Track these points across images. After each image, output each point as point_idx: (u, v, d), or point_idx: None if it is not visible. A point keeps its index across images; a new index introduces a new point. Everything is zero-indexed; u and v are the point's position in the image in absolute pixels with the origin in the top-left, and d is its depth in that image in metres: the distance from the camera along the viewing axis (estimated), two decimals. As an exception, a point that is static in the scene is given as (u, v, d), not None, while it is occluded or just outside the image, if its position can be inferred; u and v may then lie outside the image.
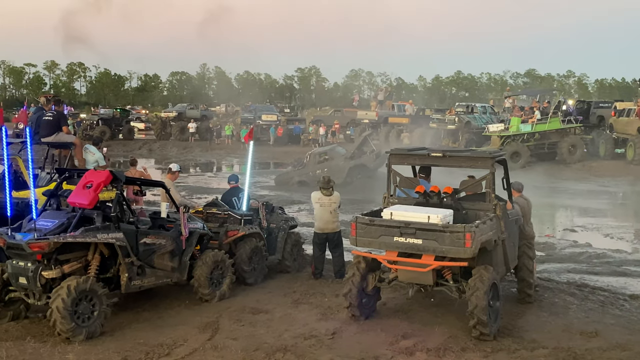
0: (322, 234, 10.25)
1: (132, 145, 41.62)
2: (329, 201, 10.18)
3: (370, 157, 23.82)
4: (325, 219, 10.18)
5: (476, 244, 7.35)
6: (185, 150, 40.26)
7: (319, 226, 10.26)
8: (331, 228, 10.24)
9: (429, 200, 8.29)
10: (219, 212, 9.98)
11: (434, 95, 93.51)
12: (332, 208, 10.19)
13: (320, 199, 10.17)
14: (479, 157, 8.04)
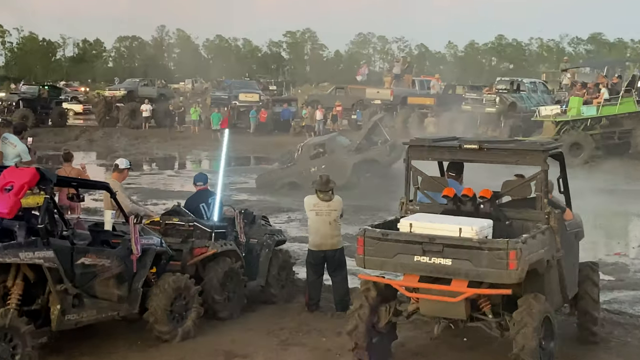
0: (318, 252, 10.27)
1: (66, 134, 41.67)
2: (328, 208, 10.18)
3: (383, 149, 23.89)
4: (323, 232, 10.19)
5: (523, 265, 7.35)
6: (138, 140, 40.31)
7: (314, 242, 10.27)
8: (331, 244, 10.24)
9: (461, 207, 8.29)
10: (181, 224, 9.98)
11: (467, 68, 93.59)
12: (331, 217, 10.19)
13: (317, 206, 10.18)
14: (527, 150, 8.04)
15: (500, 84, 37.57)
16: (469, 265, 7.43)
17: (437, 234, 7.62)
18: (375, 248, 7.78)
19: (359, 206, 20.28)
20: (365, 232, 7.87)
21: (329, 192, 10.19)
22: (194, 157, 36.65)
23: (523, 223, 8.18)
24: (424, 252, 7.58)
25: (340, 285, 10.39)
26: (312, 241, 10.32)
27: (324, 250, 10.22)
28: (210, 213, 10.27)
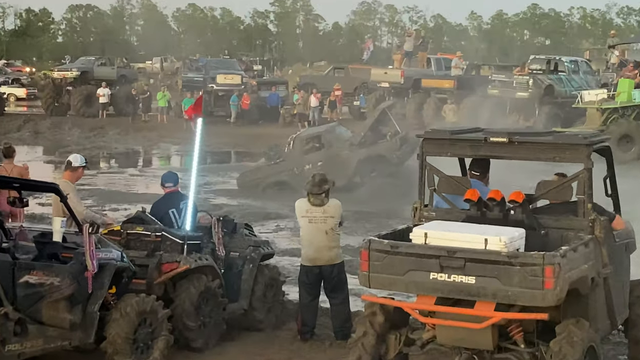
0: (313, 267, 10.26)
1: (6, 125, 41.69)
2: (323, 215, 10.15)
3: (392, 143, 23.93)
4: (318, 243, 10.18)
5: (562, 284, 7.36)
6: (94, 132, 40.32)
7: (308, 255, 10.28)
8: (327, 258, 10.23)
9: (487, 214, 8.30)
10: (147, 233, 9.98)
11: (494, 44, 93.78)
12: (327, 226, 10.16)
13: (309, 212, 10.16)
14: (567, 145, 8.04)
15: (534, 63, 37.62)
16: (497, 284, 7.42)
17: (457, 246, 7.61)
18: (383, 263, 7.77)
19: (363, 212, 20.30)
20: (370, 243, 7.85)
21: (322, 195, 10.12)
22: (161, 153, 36.66)
23: (562, 233, 8.18)
24: (441, 268, 7.57)
25: (340, 309, 10.38)
26: (305, 255, 10.31)
27: (320, 265, 10.20)
28: (182, 221, 10.26)
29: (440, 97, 38.49)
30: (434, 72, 40.71)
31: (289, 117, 42.06)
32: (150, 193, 21.96)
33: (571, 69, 36.42)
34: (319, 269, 10.22)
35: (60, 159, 32.18)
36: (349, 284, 10.65)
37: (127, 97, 44.80)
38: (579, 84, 35.16)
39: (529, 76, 35.23)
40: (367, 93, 42.46)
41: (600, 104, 30.81)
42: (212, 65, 46.96)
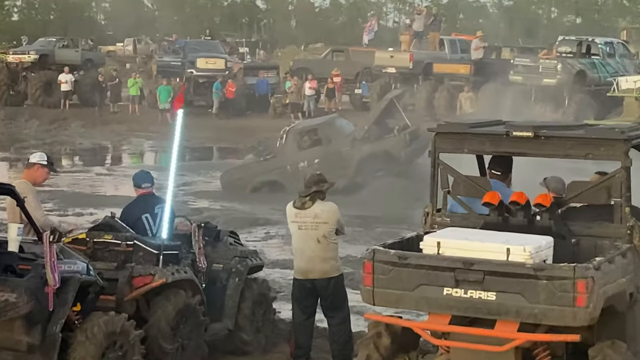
0: (305, 281, 10.23)
1: (-47, 117, 41.66)
2: (314, 220, 10.07)
3: (400, 138, 23.96)
4: (309, 253, 10.13)
5: (597, 300, 7.37)
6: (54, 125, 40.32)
7: (299, 267, 10.26)
8: (321, 270, 10.16)
9: (509, 220, 8.31)
10: (117, 242, 9.97)
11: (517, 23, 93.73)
12: (319, 233, 10.07)
13: (298, 216, 10.12)
14: (601, 140, 8.05)
15: (563, 45, 37.68)
16: (521, 300, 7.43)
17: (475, 257, 7.62)
18: (389, 277, 7.77)
19: (366, 217, 20.33)
20: (374, 254, 7.86)
21: (307, 198, 10.00)
22: (133, 149, 36.66)
23: (596, 241, 8.20)
24: (457, 282, 7.58)
25: (339, 329, 10.37)
26: (296, 266, 10.29)
27: (312, 279, 10.16)
28: (157, 227, 10.26)
29: (454, 84, 38.52)
30: (448, 55, 40.72)
31: (280, 107, 42.07)
32: (120, 195, 21.98)
33: (606, 51, 36.48)
34: (312, 282, 10.18)
35: (16, 156, 32.17)
36: (350, 301, 10.65)
37: (93, 84, 44.76)
38: (614, 69, 35.24)
39: (557, 60, 35.29)
40: (371, 80, 42.47)
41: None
42: (192, 48, 46.86)
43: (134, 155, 35.48)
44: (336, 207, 10.18)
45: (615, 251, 7.86)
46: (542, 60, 35.71)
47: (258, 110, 42.60)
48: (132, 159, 34.60)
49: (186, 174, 26.87)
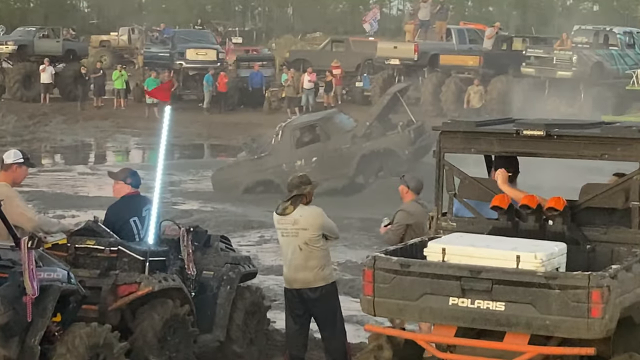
0: (291, 290, 10.28)
1: None
2: (293, 227, 10.03)
3: (404, 135, 23.97)
4: (292, 261, 10.13)
5: (613, 311, 7.38)
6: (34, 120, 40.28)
7: (285, 275, 10.30)
8: (303, 280, 10.13)
9: (519, 224, 8.33)
10: (100, 248, 9.97)
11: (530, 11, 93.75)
12: (300, 240, 10.02)
13: (280, 223, 10.13)
14: (617, 139, 8.07)
15: (578, 35, 37.70)
16: (532, 311, 7.46)
17: (483, 264, 7.64)
18: (391, 286, 7.79)
19: (368, 220, 20.30)
20: (375, 261, 7.88)
21: (289, 202, 9.99)
22: (118, 146, 36.64)
23: (612, 248, 8.21)
24: (463, 291, 7.60)
25: (333, 344, 10.33)
26: (284, 274, 10.35)
27: (297, 288, 10.18)
28: (144, 231, 10.26)
29: (462, 77, 38.49)
30: (455, 46, 40.74)
31: (276, 101, 42.08)
32: (104, 196, 21.94)
33: (625, 42, 36.50)
34: (298, 292, 10.21)
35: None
36: (350, 310, 10.69)
37: (75, 77, 44.73)
38: (634, 61, 35.26)
39: (572, 51, 35.30)
40: (373, 72, 42.47)
41: (661, 86, 30.91)
42: (181, 38, 46.86)
43: (119, 153, 35.47)
44: (319, 211, 10.06)
45: (632, 258, 7.87)
46: (556, 52, 35.72)
47: (252, 105, 42.62)
48: (116, 157, 34.61)
49: (175, 173, 26.87)
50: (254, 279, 11.46)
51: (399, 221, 10.80)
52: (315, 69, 42.30)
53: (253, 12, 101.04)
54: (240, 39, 67.44)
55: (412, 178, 11.08)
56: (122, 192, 10.47)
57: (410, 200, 10.78)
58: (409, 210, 10.77)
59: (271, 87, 43.56)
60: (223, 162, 28.75)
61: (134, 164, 29.47)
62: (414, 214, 10.72)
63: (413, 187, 10.81)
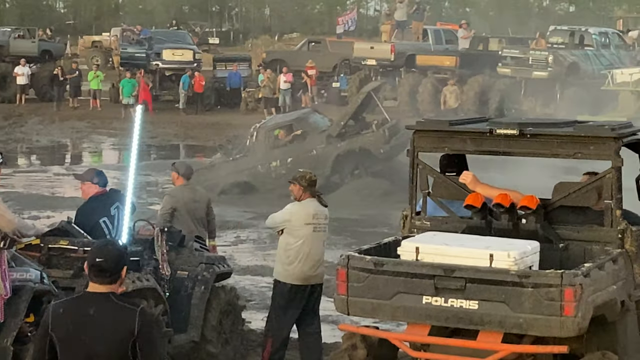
0: (303, 287, 10.40)
1: None
2: (324, 221, 10.44)
3: (379, 134, 23.95)
4: (315, 257, 10.38)
5: (585, 309, 7.41)
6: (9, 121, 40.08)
7: (303, 272, 10.39)
8: (320, 275, 10.47)
9: (493, 223, 8.35)
10: (72, 248, 9.93)
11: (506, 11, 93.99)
12: (326, 235, 10.57)
13: (316, 217, 10.36)
14: (590, 138, 8.11)
15: (554, 35, 37.84)
16: (505, 309, 7.48)
17: (456, 263, 7.67)
18: (365, 285, 7.80)
19: (344, 220, 20.32)
20: (349, 260, 7.89)
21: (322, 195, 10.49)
22: (94, 147, 36.52)
23: (585, 246, 8.25)
24: (437, 290, 7.62)
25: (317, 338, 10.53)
26: (298, 272, 10.39)
27: (313, 284, 10.40)
28: (117, 231, 10.22)
29: (439, 77, 38.55)
30: (432, 46, 40.75)
31: (253, 101, 42.00)
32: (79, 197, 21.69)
33: (600, 42, 36.62)
34: (311, 288, 10.40)
35: (-34, 156, 31.96)
36: (326, 310, 10.73)
37: (51, 77, 44.54)
38: (609, 61, 35.36)
39: (548, 52, 35.38)
40: (350, 72, 42.45)
41: (636, 86, 31.00)
42: (158, 38, 46.74)
43: (95, 153, 35.33)
44: None
45: (605, 256, 7.92)
46: (532, 52, 35.80)
47: (229, 105, 42.54)
48: (92, 157, 34.47)
49: (151, 174, 26.77)
50: (229, 279, 11.45)
51: (165, 205, 11.76)
52: (292, 69, 42.26)
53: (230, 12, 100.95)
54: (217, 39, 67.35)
55: (182, 165, 12.23)
56: (89, 193, 10.44)
57: (179, 185, 11.55)
58: (175, 195, 11.78)
59: (248, 87, 43.50)
60: (200, 163, 28.66)
61: (110, 164, 29.40)
62: (180, 198, 11.66)
63: (182, 173, 11.60)
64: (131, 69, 43.24)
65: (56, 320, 5.51)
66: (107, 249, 5.59)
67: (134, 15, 77.91)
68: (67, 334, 5.47)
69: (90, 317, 5.46)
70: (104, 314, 5.47)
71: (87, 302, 5.53)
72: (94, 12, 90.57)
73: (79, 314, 5.50)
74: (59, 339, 5.48)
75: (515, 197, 8.33)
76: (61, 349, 5.48)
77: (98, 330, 5.45)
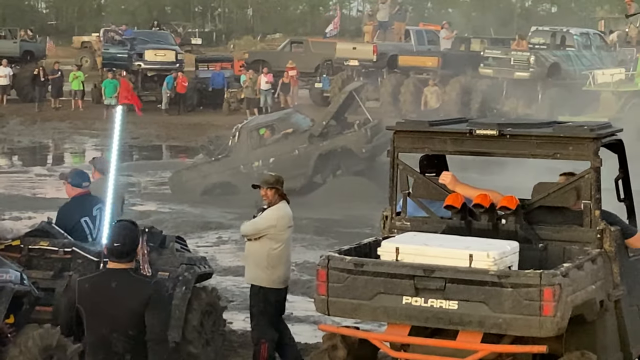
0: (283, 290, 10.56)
1: None
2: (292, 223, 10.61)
3: (361, 134, 23.96)
4: (290, 259, 10.66)
5: (564, 309, 7.44)
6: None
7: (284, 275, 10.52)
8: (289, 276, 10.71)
9: (473, 223, 8.37)
10: (53, 249, 9.92)
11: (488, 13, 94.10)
12: None
13: (291, 220, 10.47)
14: (569, 138, 8.13)
15: (535, 36, 37.87)
16: (484, 309, 7.50)
17: (436, 263, 7.67)
18: (345, 285, 7.80)
19: (325, 221, 20.36)
20: (328, 261, 7.89)
21: None
22: (76, 147, 36.42)
23: (564, 246, 8.27)
24: (417, 290, 7.62)
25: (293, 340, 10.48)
26: (279, 275, 10.47)
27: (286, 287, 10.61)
28: (97, 231, 10.20)
29: (421, 77, 38.55)
30: (414, 47, 40.75)
31: (235, 102, 41.95)
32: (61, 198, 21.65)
33: (581, 43, 36.66)
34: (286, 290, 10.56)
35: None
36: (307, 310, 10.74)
37: (32, 78, 44.39)
38: (590, 62, 35.40)
39: (529, 52, 35.42)
40: (332, 73, 42.43)
41: (617, 87, 31.05)
42: (140, 39, 46.59)
43: (77, 154, 35.23)
44: None
45: (584, 257, 7.93)
46: (513, 53, 35.82)
47: (211, 106, 42.47)
48: (74, 158, 34.36)
49: (133, 175, 26.71)
50: (211, 280, 11.44)
51: None
52: (274, 69, 42.21)
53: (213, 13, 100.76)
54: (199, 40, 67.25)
55: (99, 160, 12.62)
56: (73, 193, 10.46)
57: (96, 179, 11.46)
58: None
59: (231, 89, 43.43)
60: (182, 164, 28.67)
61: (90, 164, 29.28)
62: None
63: (99, 168, 11.62)
64: (113, 70, 43.12)
65: (82, 294, 6.47)
66: (123, 234, 6.41)
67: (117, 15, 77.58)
68: (93, 305, 6.38)
69: (112, 290, 6.33)
70: (123, 287, 6.35)
71: (108, 277, 6.43)
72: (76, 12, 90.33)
73: (102, 287, 6.40)
74: (86, 310, 6.42)
75: (494, 198, 8.35)
76: (88, 319, 6.42)
77: (119, 301, 6.32)
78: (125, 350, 6.35)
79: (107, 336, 6.35)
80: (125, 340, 6.33)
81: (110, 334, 6.35)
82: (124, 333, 6.33)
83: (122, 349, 6.35)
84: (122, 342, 6.33)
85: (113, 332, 6.34)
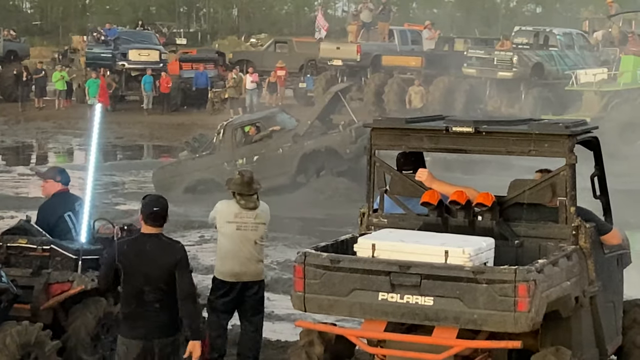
0: (234, 284, 10.34)
1: None
2: (255, 221, 10.29)
3: (346, 134, 23.96)
4: (245, 254, 10.28)
5: (539, 305, 7.47)
6: (-27, 122, 39.87)
7: (232, 270, 10.32)
8: (253, 273, 10.33)
9: (449, 220, 8.41)
10: (32, 247, 9.90)
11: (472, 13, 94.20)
12: (258, 234, 10.31)
13: (239, 216, 10.26)
14: (544, 135, 8.17)
15: (519, 36, 37.91)
16: (460, 305, 7.53)
17: (412, 259, 7.70)
18: (321, 282, 7.84)
19: (309, 220, 20.38)
20: (305, 257, 7.93)
21: (254, 196, 10.24)
22: (60, 147, 36.35)
23: (540, 243, 8.31)
24: (392, 286, 7.65)
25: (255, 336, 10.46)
26: (226, 268, 10.35)
27: (245, 281, 10.26)
28: (76, 229, 10.18)
29: (405, 77, 38.60)
30: (398, 47, 40.81)
31: (219, 102, 41.90)
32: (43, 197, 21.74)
33: (564, 43, 36.72)
34: (243, 285, 10.28)
35: None
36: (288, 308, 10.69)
37: (16, 77, 44.31)
38: (573, 62, 35.47)
39: (513, 52, 35.48)
40: (316, 73, 42.45)
41: (600, 86, 31.13)
42: (124, 38, 46.49)
43: (61, 154, 35.16)
44: (268, 207, 10.46)
45: (559, 253, 7.98)
46: (497, 52, 35.86)
47: (195, 106, 42.43)
48: (58, 157, 34.29)
49: (116, 174, 26.69)
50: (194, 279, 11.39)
51: None
52: (259, 69, 42.21)
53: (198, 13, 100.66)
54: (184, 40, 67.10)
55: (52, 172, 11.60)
56: (52, 190, 10.43)
57: None
58: None
59: (215, 88, 43.38)
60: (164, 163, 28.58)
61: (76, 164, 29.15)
62: None
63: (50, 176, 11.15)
64: (96, 69, 43.04)
65: (121, 254, 7.56)
66: (160, 201, 7.74)
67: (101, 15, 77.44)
68: (130, 263, 7.51)
69: (147, 251, 7.51)
70: (156, 248, 7.52)
71: (143, 240, 7.60)
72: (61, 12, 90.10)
73: (138, 249, 7.55)
74: (124, 267, 7.52)
75: (471, 194, 8.39)
76: (125, 275, 7.54)
77: (152, 260, 7.48)
78: (155, 300, 7.45)
79: (141, 289, 7.47)
80: (156, 293, 7.46)
81: (144, 287, 7.47)
82: (155, 287, 7.46)
83: (153, 299, 7.45)
84: (153, 294, 7.45)
85: (146, 286, 7.47)
